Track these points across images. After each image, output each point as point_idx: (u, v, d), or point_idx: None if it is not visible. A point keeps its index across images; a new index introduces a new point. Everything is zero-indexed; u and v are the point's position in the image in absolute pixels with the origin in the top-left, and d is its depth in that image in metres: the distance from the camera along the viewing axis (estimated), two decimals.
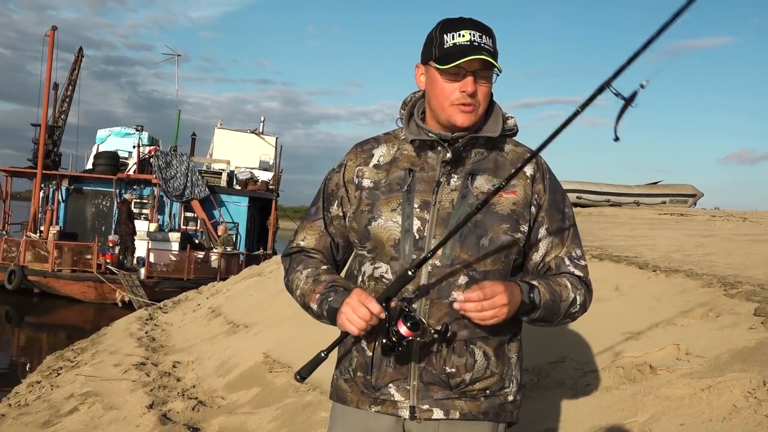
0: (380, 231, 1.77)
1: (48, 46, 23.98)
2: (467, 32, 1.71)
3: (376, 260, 1.79)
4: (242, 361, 6.16)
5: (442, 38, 1.73)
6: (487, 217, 1.74)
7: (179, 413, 5.14)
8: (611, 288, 5.32)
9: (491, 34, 1.74)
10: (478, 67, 1.72)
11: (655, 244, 7.80)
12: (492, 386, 1.78)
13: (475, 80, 1.73)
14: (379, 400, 1.78)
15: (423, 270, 1.72)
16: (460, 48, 1.70)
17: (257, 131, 28.64)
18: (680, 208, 17.89)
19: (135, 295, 18.53)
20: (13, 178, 25.20)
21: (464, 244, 1.73)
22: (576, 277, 1.83)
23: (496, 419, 1.80)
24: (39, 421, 5.66)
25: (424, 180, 1.78)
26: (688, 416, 2.96)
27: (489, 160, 1.82)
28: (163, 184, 23.22)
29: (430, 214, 1.75)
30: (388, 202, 1.78)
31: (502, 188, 1.67)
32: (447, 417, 1.74)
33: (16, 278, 19.55)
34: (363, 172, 1.85)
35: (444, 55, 1.71)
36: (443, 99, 1.75)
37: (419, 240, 1.74)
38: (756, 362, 3.21)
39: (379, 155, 1.87)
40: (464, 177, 1.78)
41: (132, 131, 26.69)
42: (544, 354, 4.26)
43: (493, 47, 1.73)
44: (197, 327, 8.91)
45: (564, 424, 3.34)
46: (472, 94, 1.73)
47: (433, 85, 1.78)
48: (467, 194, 1.76)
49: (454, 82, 1.73)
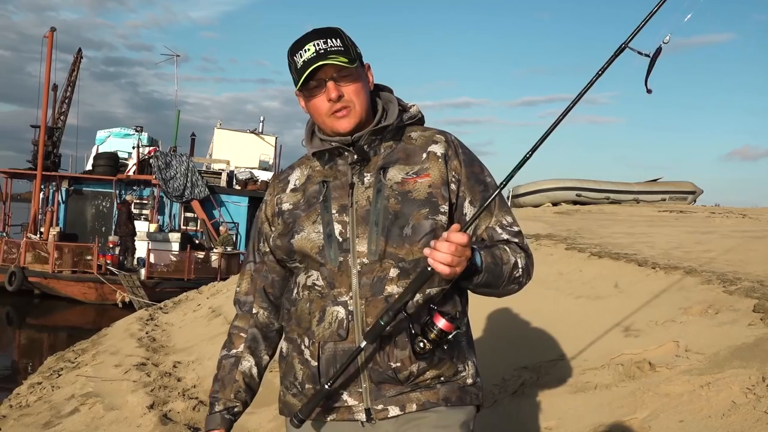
0: (303, 243, 1.78)
1: (47, 48, 24.03)
2: (310, 45, 1.73)
3: (308, 269, 1.80)
4: None
5: (294, 61, 1.76)
6: (405, 206, 1.74)
7: (180, 413, 5.15)
8: (610, 285, 5.33)
9: (337, 33, 1.76)
10: (333, 71, 1.73)
11: (655, 241, 7.81)
12: (445, 372, 1.75)
13: (337, 83, 1.74)
14: (332, 408, 1.75)
15: (352, 270, 1.73)
16: (306, 62, 1.72)
17: (257, 131, 28.66)
18: (680, 205, 17.90)
19: (135, 295, 18.54)
20: (13, 180, 25.19)
21: (388, 237, 1.73)
22: (513, 243, 1.81)
23: (461, 403, 1.76)
24: (40, 422, 5.67)
25: (338, 187, 1.80)
26: (688, 413, 2.96)
27: (398, 151, 1.82)
28: (163, 184, 23.22)
29: (349, 216, 1.76)
30: (308, 216, 1.80)
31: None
32: (404, 411, 1.72)
33: (16, 280, 19.55)
34: (282, 199, 1.87)
35: (298, 76, 1.74)
36: (319, 115, 1.79)
37: (343, 242, 1.74)
38: (755, 359, 3.21)
39: (294, 179, 1.89)
40: (376, 173, 1.79)
41: (131, 132, 26.70)
42: (544, 351, 4.26)
43: (342, 45, 1.75)
44: (198, 327, 8.91)
45: (563, 422, 3.34)
46: (339, 98, 1.74)
47: (309, 107, 1.81)
48: (382, 188, 1.76)
49: (320, 95, 1.76)
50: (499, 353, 4.40)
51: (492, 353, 4.36)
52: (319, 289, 1.76)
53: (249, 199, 24.64)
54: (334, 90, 1.74)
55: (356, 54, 1.77)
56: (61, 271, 19.73)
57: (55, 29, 24.33)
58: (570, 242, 7.63)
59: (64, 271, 19.73)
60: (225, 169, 25.52)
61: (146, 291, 18.79)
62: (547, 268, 6.30)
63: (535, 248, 7.42)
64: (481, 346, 4.29)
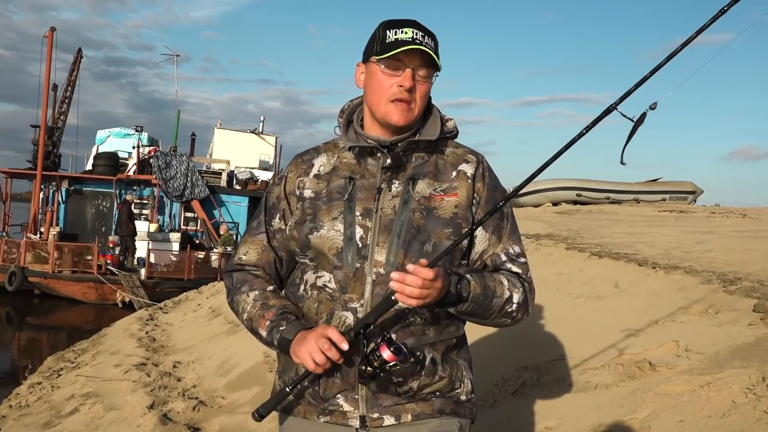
0: (322, 241, 1.74)
1: (47, 47, 24.03)
2: (410, 30, 1.72)
3: (319, 269, 1.76)
4: (243, 360, 6.16)
5: (385, 34, 1.73)
6: (429, 222, 1.72)
7: (180, 413, 5.15)
8: (610, 285, 5.33)
9: (434, 37, 1.75)
10: (418, 63, 1.72)
11: (655, 241, 7.80)
12: (442, 389, 1.76)
13: (413, 77, 1.72)
14: (327, 410, 1.75)
15: (367, 279, 1.71)
16: (401, 41, 1.70)
17: (257, 131, 28.66)
18: (680, 205, 17.90)
19: (135, 295, 18.53)
20: (13, 180, 25.17)
21: (408, 251, 1.71)
22: (514, 275, 1.78)
23: (455, 415, 1.77)
24: (40, 422, 5.66)
25: (365, 187, 1.76)
26: (688, 413, 2.96)
27: (429, 164, 1.80)
28: (163, 184, 23.22)
29: (372, 222, 1.73)
30: (329, 211, 1.76)
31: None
32: (399, 422, 1.72)
33: (16, 279, 19.54)
34: (304, 183, 1.83)
35: (385, 48, 1.71)
36: (380, 94, 1.74)
37: (362, 248, 1.72)
38: (755, 358, 3.21)
39: (319, 165, 1.85)
40: (405, 182, 1.76)
41: (132, 132, 26.70)
42: (544, 351, 4.26)
43: (435, 47, 1.74)
44: (198, 327, 8.91)
45: (564, 422, 3.34)
46: (409, 90, 1.72)
47: (371, 79, 1.77)
48: (409, 200, 1.74)
49: (393, 77, 1.73)
50: (499, 353, 4.40)
51: (492, 353, 4.36)
52: (330, 291, 1.74)
53: (249, 199, 24.64)
54: (410, 79, 1.72)
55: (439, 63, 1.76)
56: (61, 271, 19.72)
57: (54, 29, 24.33)
58: (570, 242, 7.63)
59: (64, 271, 19.71)
60: (225, 169, 25.52)
61: (146, 291, 18.79)
62: (548, 268, 6.30)
63: (536, 248, 7.42)
64: (481, 346, 4.31)
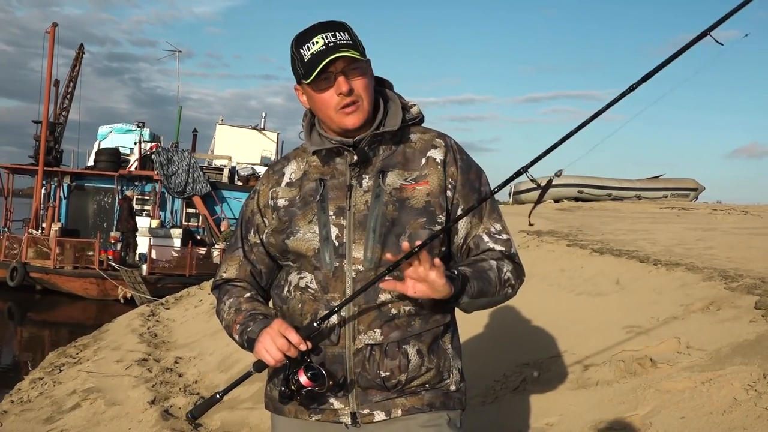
0: (299, 244, 1.75)
1: (48, 43, 24.01)
2: (318, 37, 1.69)
3: (302, 270, 1.77)
4: (244, 356, 6.17)
5: (300, 54, 1.71)
6: (403, 213, 1.72)
7: (181, 409, 5.16)
8: (612, 282, 5.33)
9: (344, 27, 1.73)
10: (343, 64, 1.70)
11: (656, 238, 7.80)
12: (431, 380, 1.76)
13: (347, 77, 1.70)
14: (318, 409, 1.76)
15: (347, 276, 1.71)
16: (317, 55, 1.68)
17: (258, 127, 28.66)
18: (681, 202, 17.89)
19: (137, 291, 18.56)
20: (15, 175, 25.18)
21: (384, 245, 1.71)
22: (498, 252, 1.78)
23: (444, 408, 1.77)
24: (41, 417, 5.67)
25: (335, 187, 1.77)
26: (689, 409, 2.96)
27: (397, 154, 1.79)
28: (165, 180, 23.24)
29: (346, 220, 1.73)
30: (304, 215, 1.77)
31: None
32: (389, 417, 1.73)
33: (18, 275, 19.57)
34: (277, 193, 1.84)
35: (307, 70, 1.70)
36: (326, 109, 1.74)
37: (339, 247, 1.72)
38: (756, 355, 3.21)
39: (290, 173, 1.85)
40: (375, 176, 1.76)
41: (133, 128, 26.71)
42: (545, 348, 4.26)
43: (350, 39, 1.71)
44: (199, 323, 8.91)
45: (565, 418, 3.34)
46: (349, 92, 1.70)
47: (313, 100, 1.76)
48: (380, 193, 1.74)
49: (328, 89, 1.72)
50: (500, 349, 4.40)
51: (493, 349, 4.36)
52: (313, 291, 1.75)
53: None
54: (345, 84, 1.69)
55: (363, 48, 1.74)
56: (63, 266, 19.77)
57: (56, 24, 24.30)
58: (572, 239, 7.62)
59: (65, 267, 19.76)
60: (227, 165, 25.55)
61: (148, 287, 18.83)
62: (549, 265, 6.30)
63: (537, 245, 7.42)
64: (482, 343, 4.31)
